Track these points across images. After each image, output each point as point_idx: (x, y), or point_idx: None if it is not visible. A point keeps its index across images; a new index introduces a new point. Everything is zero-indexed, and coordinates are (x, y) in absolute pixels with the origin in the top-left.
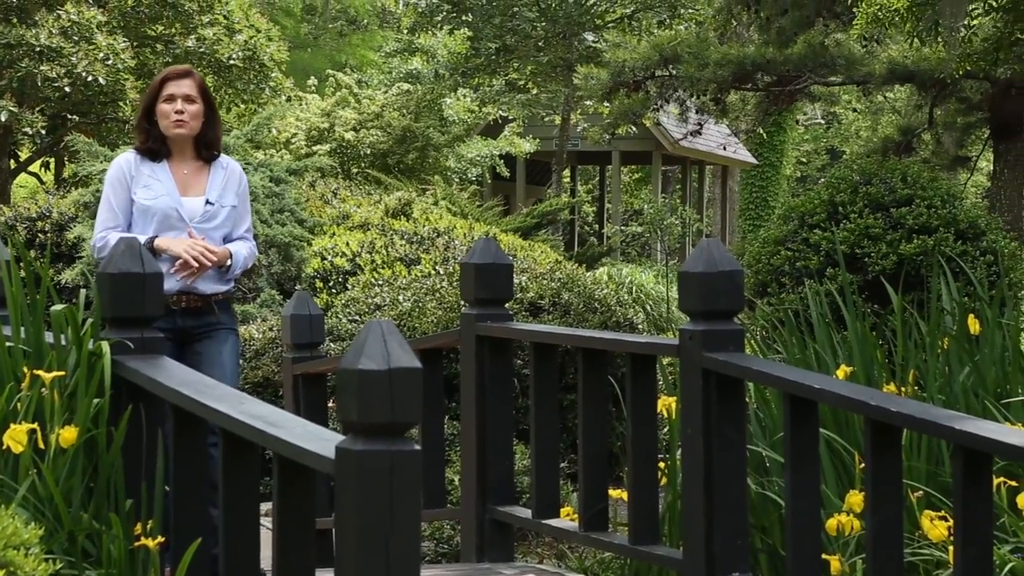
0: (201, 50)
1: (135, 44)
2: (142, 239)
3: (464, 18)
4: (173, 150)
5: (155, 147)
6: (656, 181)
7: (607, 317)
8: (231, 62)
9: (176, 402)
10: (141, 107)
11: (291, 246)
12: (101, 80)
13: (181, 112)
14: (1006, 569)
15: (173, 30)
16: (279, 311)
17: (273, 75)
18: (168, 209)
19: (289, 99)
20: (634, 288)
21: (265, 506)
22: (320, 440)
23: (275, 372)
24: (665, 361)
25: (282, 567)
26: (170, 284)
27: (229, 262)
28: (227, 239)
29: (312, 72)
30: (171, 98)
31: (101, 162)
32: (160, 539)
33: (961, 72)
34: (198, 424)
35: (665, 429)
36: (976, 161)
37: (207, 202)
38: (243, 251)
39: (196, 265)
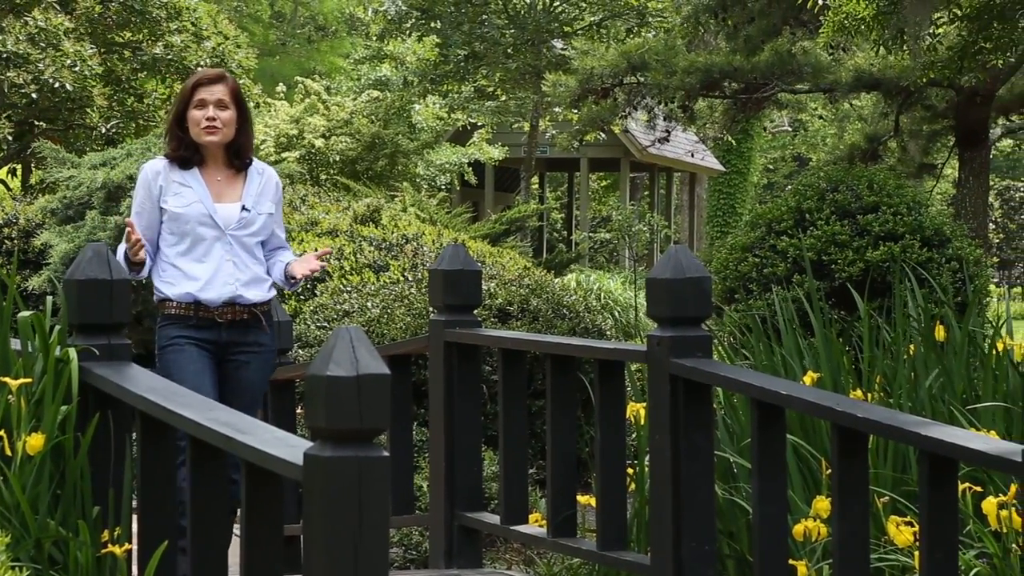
0: (169, 57)
1: (103, 51)
2: (120, 251)
3: (433, 25)
4: (205, 157)
5: (187, 155)
6: (624, 188)
7: (575, 323)
8: (199, 69)
9: (143, 408)
10: (172, 112)
11: None
12: (68, 87)
13: (213, 119)
14: (971, 574)
15: (141, 37)
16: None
17: (242, 82)
18: (201, 216)
19: (258, 106)
20: (602, 294)
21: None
22: (288, 447)
23: None
24: (633, 367)
25: (250, 573)
26: (211, 294)
27: (297, 276)
28: (266, 247)
29: (281, 79)
30: (202, 104)
31: (68, 168)
32: (128, 546)
33: (926, 80)
34: (165, 430)
35: (633, 435)
36: (942, 168)
37: (243, 208)
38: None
39: (320, 259)
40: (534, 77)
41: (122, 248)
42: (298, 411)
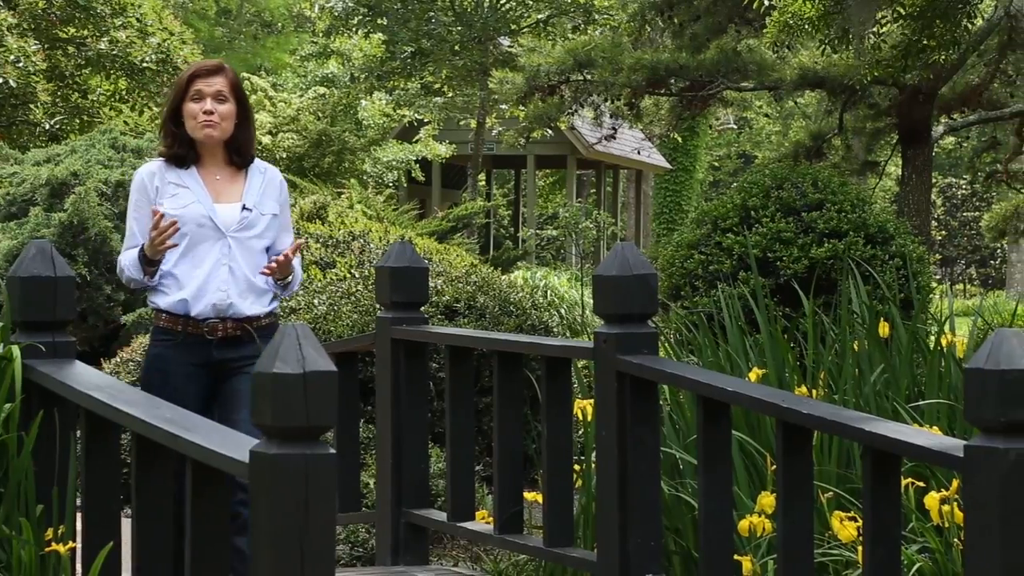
0: (114, 53)
1: (46, 46)
2: (134, 252)
3: (379, 21)
4: (203, 155)
5: (183, 152)
6: (571, 185)
7: (522, 320)
8: (144, 65)
9: (88, 406)
10: (166, 107)
11: None
12: (12, 83)
13: (211, 112)
14: (914, 569)
15: (85, 32)
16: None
17: None
18: (200, 217)
19: None
20: (549, 291)
21: None
22: (235, 444)
23: None
24: (580, 364)
25: (196, 571)
26: (200, 307)
27: (289, 277)
28: (271, 251)
29: None
30: (199, 96)
31: (11, 165)
32: (72, 544)
33: (870, 79)
34: (110, 428)
35: (580, 432)
36: (885, 166)
37: (244, 208)
38: (299, 268)
39: (289, 255)
40: (481, 74)
41: (132, 253)
42: None
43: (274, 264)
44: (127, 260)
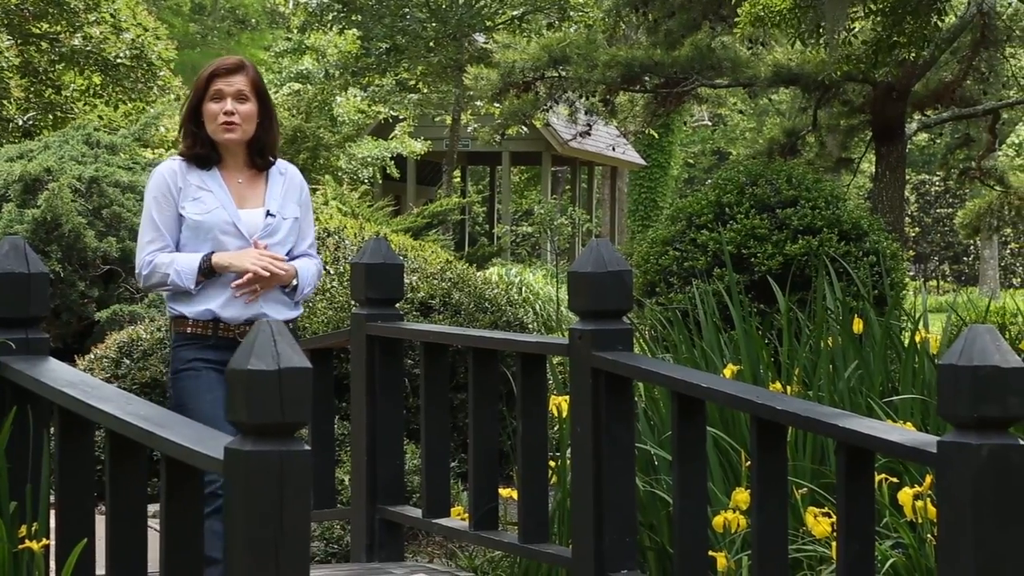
0: (88, 48)
1: (19, 42)
2: (196, 257)
3: (354, 18)
4: (224, 156)
5: (203, 153)
6: (546, 182)
7: (497, 317)
8: (118, 61)
9: (62, 403)
10: (186, 106)
11: None
12: None
13: (231, 113)
14: (887, 564)
15: (59, 28)
16: (167, 311)
17: (161, 74)
18: (224, 224)
19: (178, 98)
20: (524, 288)
21: (152, 507)
22: (209, 440)
23: (163, 373)
24: (555, 360)
25: (170, 569)
26: (233, 311)
27: (295, 282)
28: (289, 256)
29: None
30: (219, 96)
31: None
32: (45, 541)
33: (841, 73)
34: (84, 425)
35: (555, 428)
36: (859, 163)
37: (268, 214)
38: (311, 269)
39: (266, 275)
40: (456, 71)
41: (190, 260)
42: None
43: (245, 287)
44: (179, 264)
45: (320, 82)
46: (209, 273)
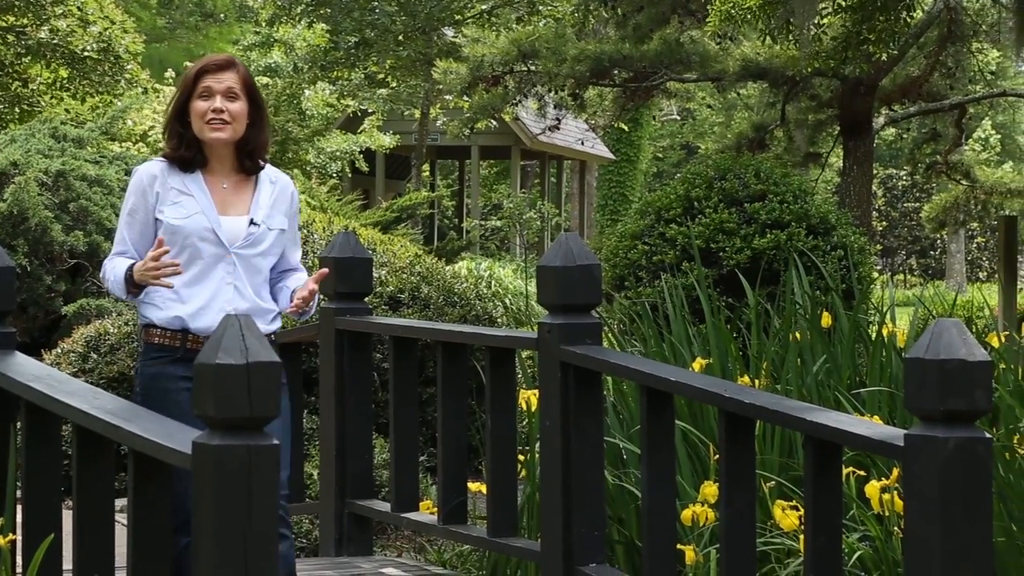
0: (55, 41)
1: None
2: (125, 265)
3: (323, 11)
4: (210, 158)
5: (188, 155)
6: (515, 176)
7: (466, 311)
8: (85, 54)
9: (28, 398)
10: (171, 105)
11: None
12: None
13: (220, 111)
14: (854, 557)
15: (25, 21)
16: (135, 306)
17: (129, 67)
18: (203, 231)
19: (146, 91)
20: (493, 282)
21: (119, 502)
22: (177, 435)
23: (130, 367)
24: (524, 354)
25: (137, 564)
26: (204, 321)
27: (312, 303)
28: (275, 271)
29: (169, 65)
30: (208, 93)
31: None
32: (12, 536)
33: (811, 70)
34: (51, 419)
35: (524, 422)
36: (827, 157)
37: (251, 222)
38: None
39: (313, 288)
40: (425, 65)
41: (120, 268)
42: None
43: (300, 300)
44: (113, 274)
45: (289, 76)
46: (132, 283)
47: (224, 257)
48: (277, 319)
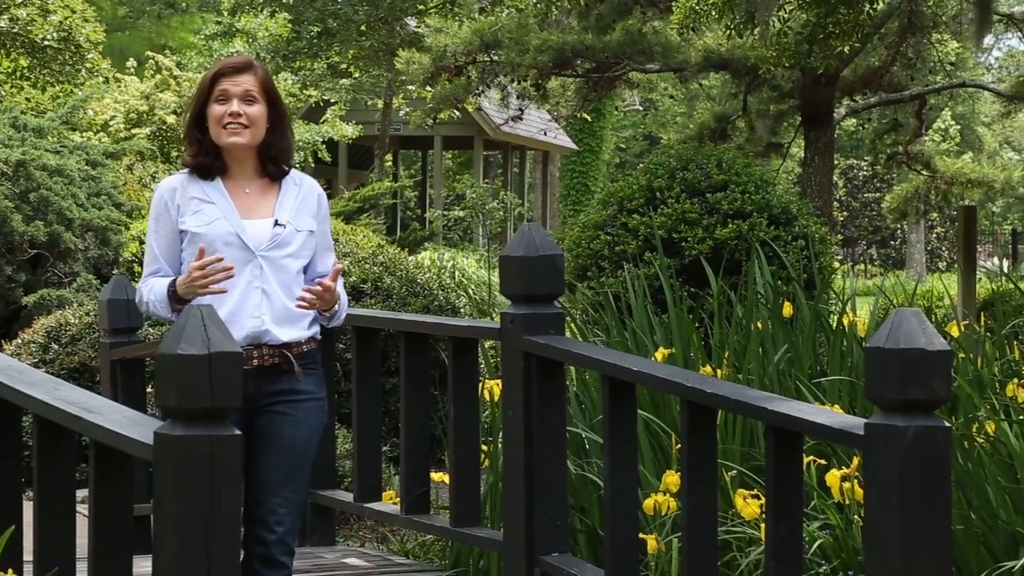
0: (14, 31)
1: None
2: (166, 283)
3: (285, 1)
4: (230, 164)
5: (207, 161)
6: (478, 166)
7: (429, 301)
8: (46, 43)
9: None
10: (189, 111)
11: (108, 230)
12: None
13: (237, 115)
14: (815, 545)
15: None
16: (96, 296)
17: (89, 56)
18: (226, 235)
19: (107, 81)
20: (456, 272)
21: (81, 493)
22: (138, 426)
23: (92, 358)
24: (487, 344)
25: (99, 555)
26: (233, 331)
27: (336, 307)
28: (304, 278)
29: (131, 55)
30: (225, 97)
31: None
32: None
33: (776, 67)
34: (11, 411)
35: (487, 412)
36: (788, 148)
37: (276, 223)
38: (344, 293)
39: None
40: (387, 55)
41: (161, 286)
42: (148, 390)
43: (310, 295)
44: (153, 294)
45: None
46: (178, 299)
47: (251, 261)
48: (315, 323)
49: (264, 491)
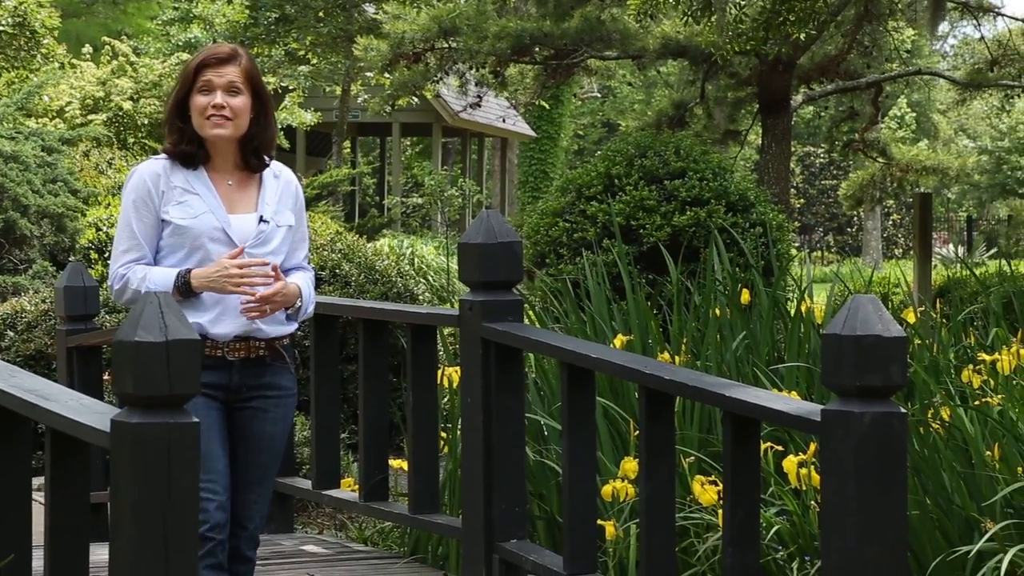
0: None
1: None
2: (172, 273)
3: None
4: (213, 154)
5: (190, 150)
6: (436, 153)
7: (388, 288)
8: (0, 29)
9: None
10: (171, 99)
11: (64, 216)
12: None
13: (221, 107)
14: (772, 531)
15: None
16: (52, 283)
17: (45, 42)
18: (213, 231)
19: (63, 67)
20: (415, 259)
21: (37, 480)
22: (95, 413)
23: (48, 345)
24: (446, 331)
25: (55, 543)
26: (223, 327)
27: (299, 302)
28: (282, 268)
29: (86, 40)
30: (208, 88)
31: None
32: None
33: (731, 54)
34: None
35: (446, 399)
36: (746, 135)
37: (261, 219)
38: (310, 284)
39: (264, 294)
40: (345, 41)
41: (164, 275)
42: (105, 378)
43: (254, 307)
44: (151, 283)
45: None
46: (187, 292)
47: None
48: (293, 320)
49: (238, 487)
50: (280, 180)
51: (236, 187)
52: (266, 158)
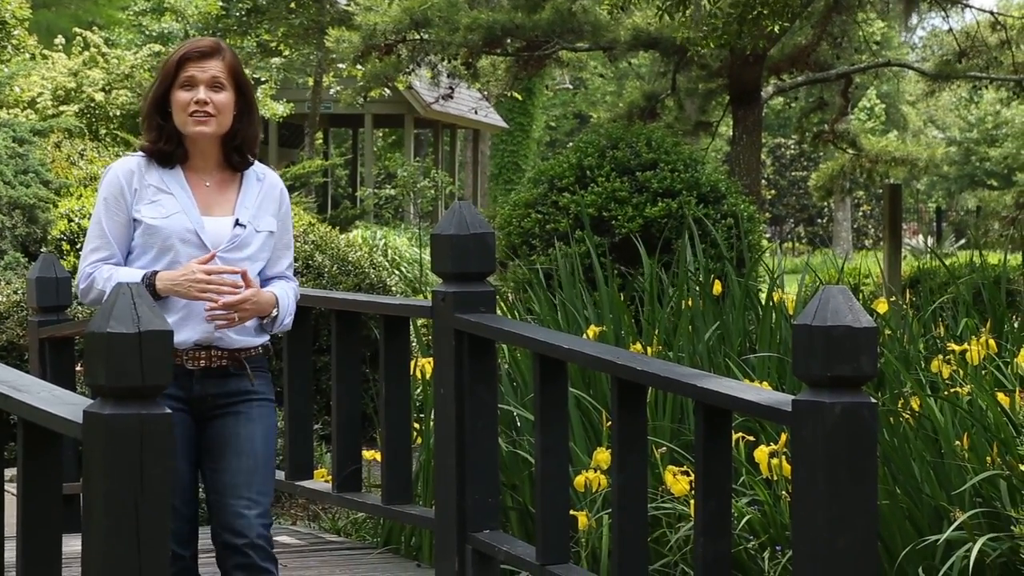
0: None
1: None
2: (138, 275)
3: None
4: (192, 153)
5: (168, 148)
6: (409, 144)
7: (361, 279)
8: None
9: None
10: (150, 94)
11: (36, 208)
12: None
13: (204, 103)
14: (743, 521)
15: None
16: (24, 274)
17: (15, 33)
18: (184, 232)
19: (34, 57)
20: (388, 251)
21: (9, 472)
22: (67, 404)
23: (20, 336)
24: (419, 323)
25: (27, 534)
26: (184, 333)
27: (275, 312)
28: (261, 277)
29: (57, 31)
30: (191, 83)
31: None
32: None
33: (705, 49)
34: None
35: (419, 390)
36: (717, 126)
37: (236, 223)
38: (290, 294)
39: (234, 299)
40: (317, 33)
41: (126, 272)
42: (78, 369)
43: (221, 316)
44: (117, 281)
45: (180, 43)
46: (152, 294)
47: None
48: (266, 333)
49: (228, 495)
50: (263, 184)
51: (214, 188)
52: (249, 156)
